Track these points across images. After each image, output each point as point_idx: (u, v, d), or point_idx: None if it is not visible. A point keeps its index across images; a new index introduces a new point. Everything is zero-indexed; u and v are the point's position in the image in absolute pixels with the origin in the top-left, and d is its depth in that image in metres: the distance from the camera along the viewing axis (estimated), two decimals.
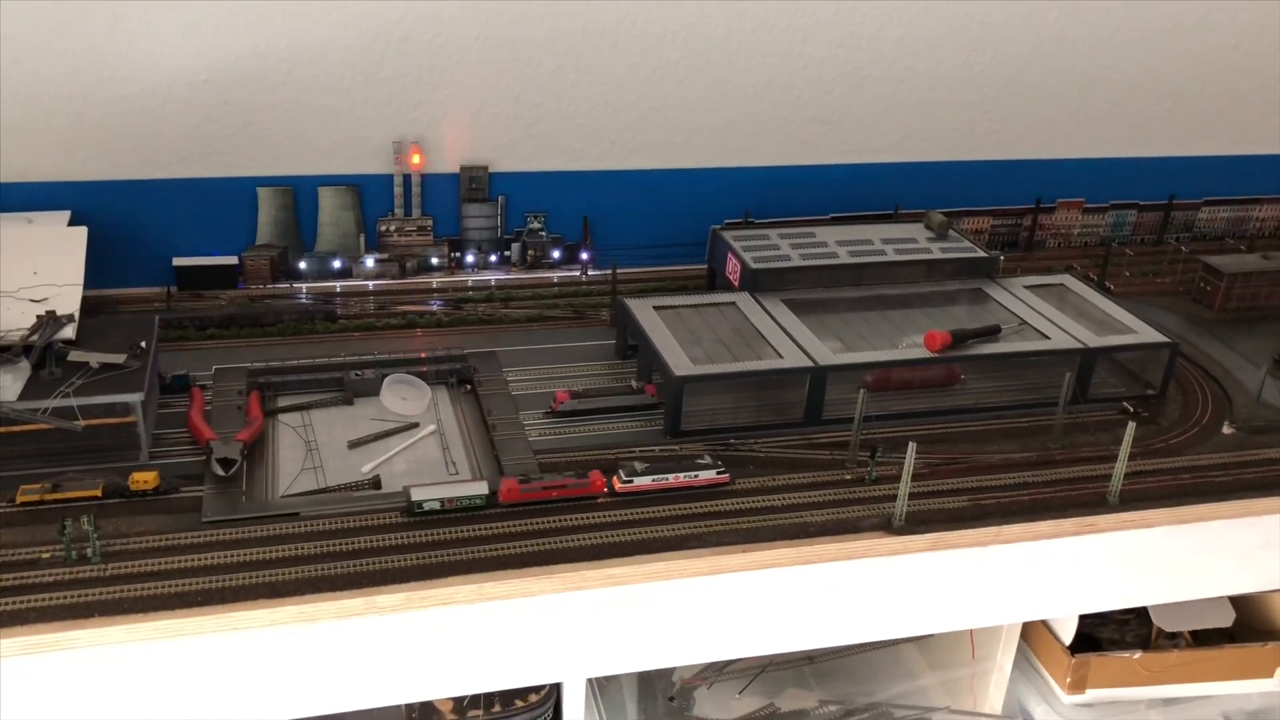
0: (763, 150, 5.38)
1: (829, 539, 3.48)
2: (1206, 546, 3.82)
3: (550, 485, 3.52)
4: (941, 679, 4.40)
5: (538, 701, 3.76)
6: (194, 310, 4.67)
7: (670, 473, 3.61)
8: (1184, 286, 5.43)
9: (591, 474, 3.57)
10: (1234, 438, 4.19)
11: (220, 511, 3.42)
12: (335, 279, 4.97)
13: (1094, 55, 5.59)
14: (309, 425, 4.02)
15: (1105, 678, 4.21)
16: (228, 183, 4.82)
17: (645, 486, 3.59)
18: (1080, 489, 3.80)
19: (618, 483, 3.59)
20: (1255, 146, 6.07)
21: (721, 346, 4.19)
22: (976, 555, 3.58)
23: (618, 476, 3.60)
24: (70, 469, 3.54)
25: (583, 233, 5.25)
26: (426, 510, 3.42)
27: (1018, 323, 4.50)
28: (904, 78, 5.38)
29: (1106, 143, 5.86)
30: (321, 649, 3.13)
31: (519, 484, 3.50)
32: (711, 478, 3.65)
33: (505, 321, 4.79)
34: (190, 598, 3.06)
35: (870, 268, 4.76)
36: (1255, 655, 4.31)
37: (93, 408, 3.58)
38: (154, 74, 4.56)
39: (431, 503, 3.42)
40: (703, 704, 4.16)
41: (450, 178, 5.06)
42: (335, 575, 3.18)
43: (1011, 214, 5.77)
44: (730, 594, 3.41)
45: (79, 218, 4.55)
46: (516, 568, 3.26)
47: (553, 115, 5.06)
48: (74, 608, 2.99)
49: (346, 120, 4.84)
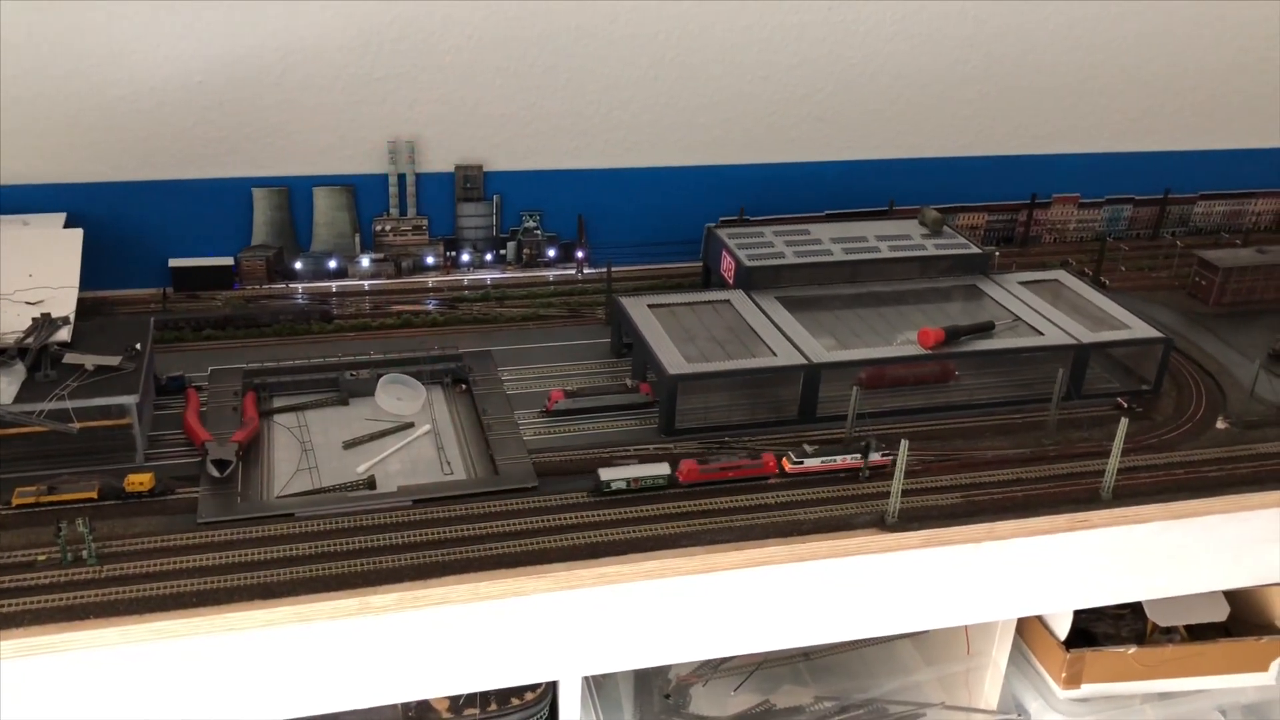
0: (757, 148, 5.39)
1: (823, 536, 3.49)
2: (1201, 541, 3.82)
3: (727, 466, 3.72)
4: (937, 675, 4.40)
5: (534, 700, 3.77)
6: (189, 311, 4.67)
7: (838, 455, 3.79)
8: (1179, 281, 5.44)
9: (764, 455, 3.76)
10: (1228, 433, 4.19)
11: (215, 513, 3.43)
12: (331, 279, 4.98)
13: (1089, 50, 5.59)
14: (304, 426, 4.03)
15: (1100, 673, 4.22)
16: (223, 184, 4.83)
17: (815, 468, 3.76)
18: (1074, 485, 3.81)
19: (788, 464, 3.75)
20: (1251, 140, 6.07)
21: (716, 344, 4.19)
22: (971, 551, 3.58)
23: (788, 458, 3.77)
24: (66, 471, 3.55)
25: (578, 231, 5.26)
26: (614, 490, 3.60)
27: (1012, 319, 4.51)
28: (898, 74, 5.39)
29: (1102, 137, 5.86)
30: (317, 649, 3.14)
31: (698, 465, 3.67)
32: (876, 459, 3.78)
33: (500, 320, 4.80)
34: (186, 599, 3.07)
35: (865, 264, 4.76)
36: (1250, 649, 4.32)
37: (88, 410, 3.58)
38: (149, 76, 4.57)
39: (619, 483, 3.60)
40: (699, 701, 4.17)
41: (445, 177, 5.07)
42: (331, 576, 3.19)
43: (1007, 209, 5.78)
44: (725, 591, 3.42)
45: (74, 219, 4.56)
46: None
47: (547, 114, 5.07)
48: (70, 610, 3.00)
49: (341, 120, 4.85)
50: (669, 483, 3.65)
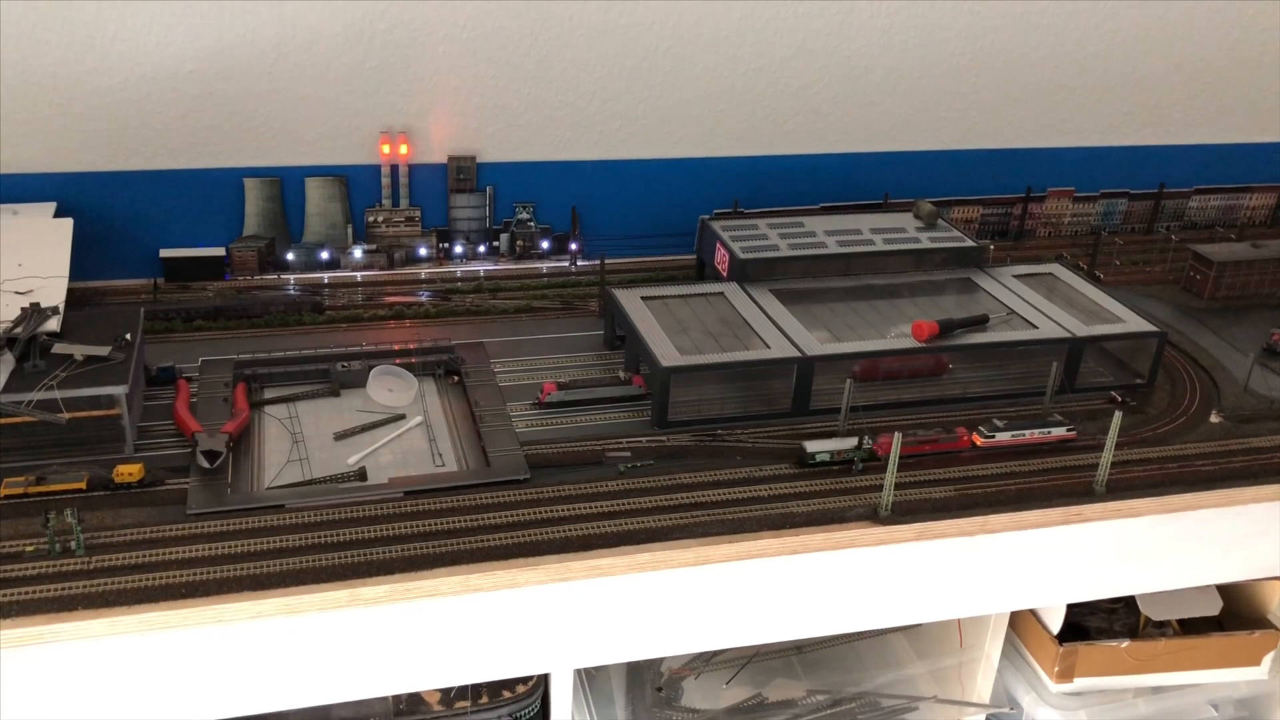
0: (751, 140, 5.37)
1: (815, 529, 3.48)
2: (1194, 535, 3.82)
3: (924, 440, 3.90)
4: (929, 668, 4.40)
5: (525, 693, 3.76)
6: (181, 302, 4.65)
7: (1027, 429, 3.95)
8: (1174, 275, 5.43)
9: (958, 430, 3.94)
10: (1221, 427, 4.19)
11: (205, 504, 3.41)
12: (323, 270, 4.96)
13: (1084, 43, 5.58)
14: (295, 417, 4.01)
15: (1093, 666, 4.21)
16: (214, 174, 4.81)
17: (1005, 442, 3.93)
18: (1067, 478, 3.80)
19: (979, 438, 3.91)
20: (1246, 135, 6.06)
21: (709, 337, 4.18)
22: (963, 545, 3.58)
23: (979, 432, 3.94)
24: (54, 462, 3.53)
25: (571, 223, 5.24)
26: (819, 461, 3.78)
27: (1006, 312, 4.50)
28: (893, 67, 5.37)
29: (1097, 131, 5.85)
30: (307, 641, 3.12)
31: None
32: (1062, 434, 3.98)
33: (493, 312, 4.78)
34: (175, 590, 3.05)
35: (859, 257, 4.75)
36: (1242, 643, 4.32)
37: (77, 400, 3.56)
38: (139, 65, 4.54)
39: (823, 454, 3.78)
40: (691, 694, 4.16)
41: (438, 168, 5.04)
42: (321, 567, 3.17)
43: (1001, 203, 5.77)
44: (717, 584, 3.41)
45: (65, 209, 4.54)
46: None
47: (541, 105, 5.04)
48: (58, 601, 2.99)
49: (333, 110, 4.82)
50: (869, 456, 3.80)
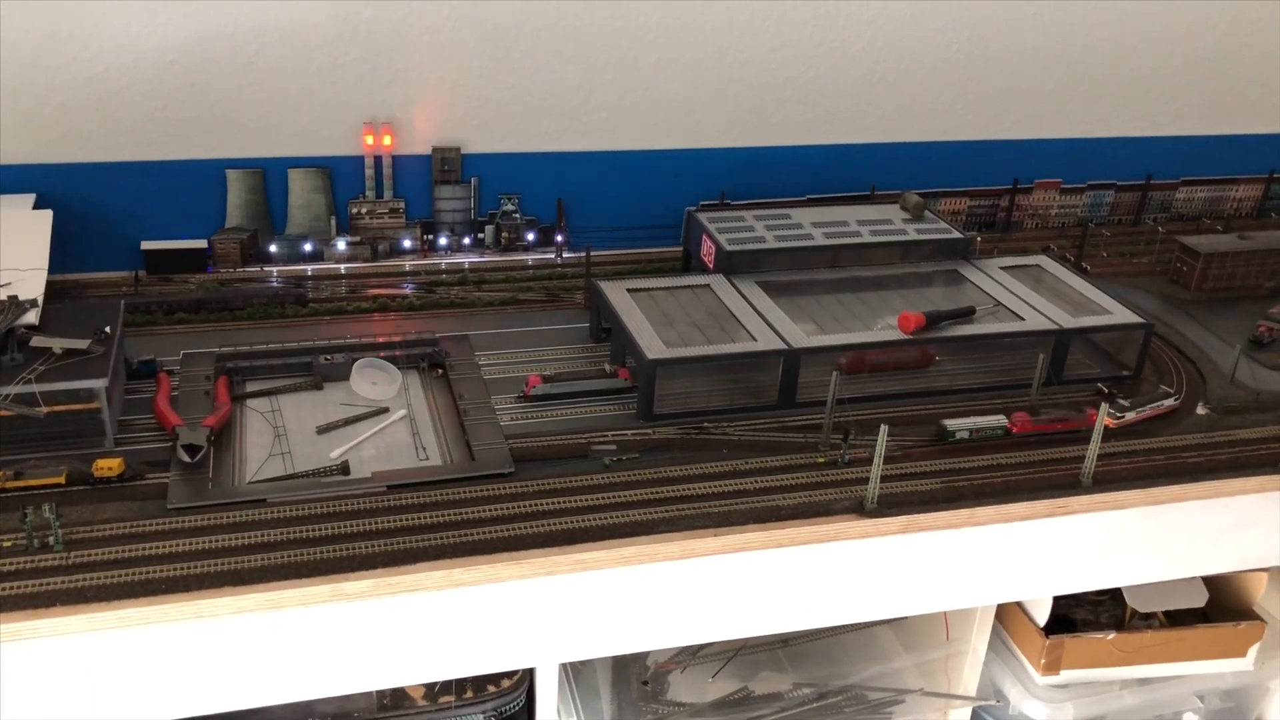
0: (738, 131, 5.35)
1: (801, 522, 3.47)
2: (1180, 527, 3.82)
3: (1056, 418, 4.02)
4: (916, 661, 4.39)
5: (510, 687, 3.74)
6: (162, 295, 4.61)
7: (1148, 404, 4.12)
8: (1161, 267, 5.43)
9: (1087, 409, 4.02)
10: (1208, 418, 4.19)
11: (186, 498, 3.38)
12: (306, 262, 4.92)
13: (1071, 34, 5.57)
14: (277, 410, 3.98)
15: (1079, 659, 4.21)
16: (196, 165, 4.76)
17: (1132, 420, 4.07)
18: (1054, 470, 3.80)
19: (1110, 420, 3.94)
20: (1232, 126, 6.07)
21: (695, 329, 4.16)
22: (949, 537, 3.57)
23: (1109, 414, 3.93)
24: (33, 456, 3.49)
25: (557, 215, 5.21)
26: (958, 439, 3.90)
27: (993, 304, 4.49)
28: (880, 58, 5.35)
29: (1084, 123, 5.84)
30: (289, 637, 3.10)
31: (1030, 418, 3.99)
32: (1171, 404, 4.19)
33: (478, 305, 4.75)
34: (155, 585, 3.02)
35: (845, 249, 4.73)
36: (1228, 635, 4.32)
37: (56, 394, 3.52)
38: (119, 55, 4.49)
39: (962, 432, 3.91)
40: (677, 688, 4.15)
41: (422, 159, 5.01)
42: (303, 562, 3.15)
43: (989, 195, 5.75)
44: (703, 577, 3.39)
45: (44, 201, 4.49)
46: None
47: (526, 96, 5.01)
48: (35, 597, 2.95)
49: (316, 101, 4.78)
50: (1004, 434, 3.94)
